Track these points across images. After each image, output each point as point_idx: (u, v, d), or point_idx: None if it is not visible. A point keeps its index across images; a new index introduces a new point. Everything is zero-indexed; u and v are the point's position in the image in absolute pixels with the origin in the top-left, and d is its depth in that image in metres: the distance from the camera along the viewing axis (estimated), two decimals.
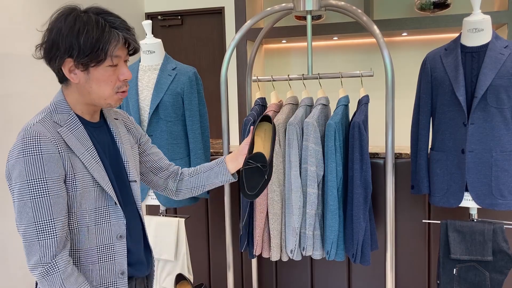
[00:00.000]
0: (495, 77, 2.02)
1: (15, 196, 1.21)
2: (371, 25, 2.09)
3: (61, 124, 1.27)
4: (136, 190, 1.43)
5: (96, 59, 1.24)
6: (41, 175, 1.20)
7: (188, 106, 2.40)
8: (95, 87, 1.28)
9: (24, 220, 1.20)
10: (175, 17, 4.67)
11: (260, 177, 1.52)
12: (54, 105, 1.30)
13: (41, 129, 1.22)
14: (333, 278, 2.73)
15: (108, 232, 1.32)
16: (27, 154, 1.19)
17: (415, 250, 2.59)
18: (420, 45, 4.28)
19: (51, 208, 1.21)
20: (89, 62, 1.24)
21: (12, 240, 2.96)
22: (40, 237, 1.20)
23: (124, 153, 1.42)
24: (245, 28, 2.25)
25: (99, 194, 1.30)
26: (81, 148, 1.27)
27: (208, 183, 1.62)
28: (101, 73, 1.27)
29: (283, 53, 4.63)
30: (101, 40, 1.23)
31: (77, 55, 1.23)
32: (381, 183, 2.54)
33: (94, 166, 1.29)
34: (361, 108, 2.23)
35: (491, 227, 2.10)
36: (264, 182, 1.54)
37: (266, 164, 1.53)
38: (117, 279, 1.33)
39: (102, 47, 1.23)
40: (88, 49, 1.22)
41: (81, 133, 1.29)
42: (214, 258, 2.95)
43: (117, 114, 1.49)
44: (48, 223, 1.21)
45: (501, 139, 2.05)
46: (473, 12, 2.11)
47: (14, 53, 3.02)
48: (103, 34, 1.23)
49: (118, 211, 1.34)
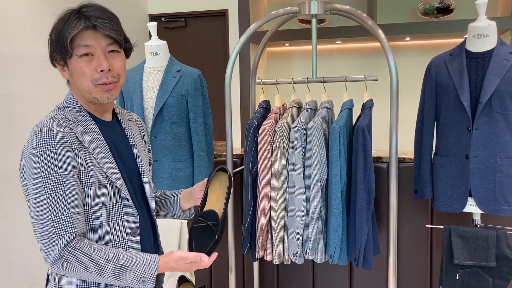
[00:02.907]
0: (500, 82, 2.02)
1: (30, 193, 1.20)
2: (376, 29, 2.10)
3: (73, 120, 1.27)
4: (150, 192, 1.42)
5: (62, 51, 1.24)
6: (56, 169, 1.19)
7: (192, 108, 2.40)
8: (77, 81, 1.28)
9: (40, 217, 1.19)
10: (179, 19, 4.67)
11: (210, 236, 1.39)
12: (65, 102, 1.31)
13: (54, 125, 1.22)
14: (335, 282, 2.72)
15: (122, 229, 1.31)
16: (41, 150, 1.19)
17: (417, 255, 2.58)
18: (423, 50, 4.28)
19: (68, 202, 1.20)
20: (62, 56, 1.26)
21: (12, 240, 2.96)
22: (58, 232, 1.19)
23: (137, 153, 1.41)
24: (250, 32, 2.25)
25: (112, 190, 1.29)
26: (93, 144, 1.27)
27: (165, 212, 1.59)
28: (74, 66, 1.26)
29: (286, 56, 4.63)
30: (63, 31, 1.23)
31: (52, 50, 1.26)
32: (384, 187, 2.53)
33: (106, 162, 1.28)
34: (365, 112, 2.23)
35: (495, 233, 2.10)
36: (215, 242, 1.40)
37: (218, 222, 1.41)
38: None
39: (63, 37, 1.23)
40: (55, 43, 1.25)
41: (92, 130, 1.29)
42: (216, 260, 2.95)
43: (131, 116, 1.49)
44: (66, 217, 1.19)
45: (505, 145, 2.05)
46: (478, 17, 2.11)
47: (16, 53, 3.02)
48: (64, 25, 1.24)
49: (131, 207, 1.33)
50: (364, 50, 4.43)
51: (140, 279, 1.26)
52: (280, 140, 2.19)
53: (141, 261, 1.27)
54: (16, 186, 2.98)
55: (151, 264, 1.28)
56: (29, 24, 3.12)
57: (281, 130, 2.19)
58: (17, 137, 2.98)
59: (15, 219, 2.97)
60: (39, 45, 3.13)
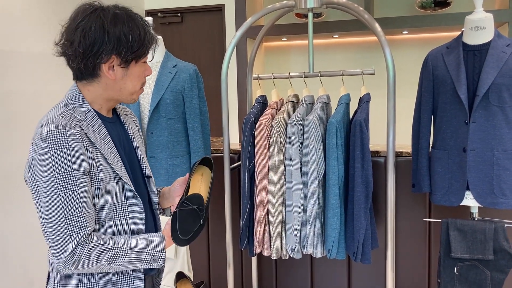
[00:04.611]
0: (497, 75, 2.02)
1: (41, 192, 1.18)
2: (373, 23, 2.09)
3: (81, 118, 1.26)
4: (152, 186, 1.43)
5: (140, 55, 1.28)
6: (69, 168, 1.18)
7: (188, 104, 2.39)
8: (129, 83, 1.30)
9: (53, 217, 1.17)
10: (175, 14, 4.65)
11: (195, 221, 1.37)
12: (71, 99, 1.28)
13: (65, 123, 1.20)
14: (333, 277, 2.72)
15: (127, 227, 1.32)
16: (54, 148, 1.17)
17: (415, 248, 2.58)
18: (420, 44, 4.27)
19: (81, 202, 1.19)
20: (133, 59, 1.27)
21: (11, 238, 2.95)
22: (72, 231, 1.18)
23: (138, 148, 1.42)
24: (246, 26, 2.24)
25: (119, 188, 1.29)
26: (102, 143, 1.27)
27: None
28: (138, 69, 1.31)
29: (283, 51, 4.62)
30: (146, 37, 1.27)
31: (125, 51, 1.25)
32: (382, 181, 2.53)
33: (115, 161, 1.28)
34: (362, 106, 2.22)
35: (492, 226, 2.10)
36: (200, 226, 1.38)
37: (203, 207, 1.39)
38: (134, 274, 1.33)
39: (146, 44, 1.28)
40: (136, 46, 1.25)
41: (100, 128, 1.29)
42: (214, 256, 2.94)
43: (126, 111, 1.49)
44: (79, 217, 1.19)
45: (502, 138, 2.05)
46: (475, 10, 2.10)
47: (14, 50, 3.01)
48: (145, 31, 1.28)
49: (138, 205, 1.33)
50: (362, 44, 4.42)
51: (151, 259, 1.30)
52: (277, 135, 2.18)
53: (149, 242, 1.30)
54: (15, 184, 2.97)
55: (158, 243, 1.32)
56: (27, 21, 3.10)
57: (278, 125, 2.18)
58: (15, 134, 2.97)
59: (14, 217, 2.96)
60: (38, 42, 3.11)
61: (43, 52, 3.11)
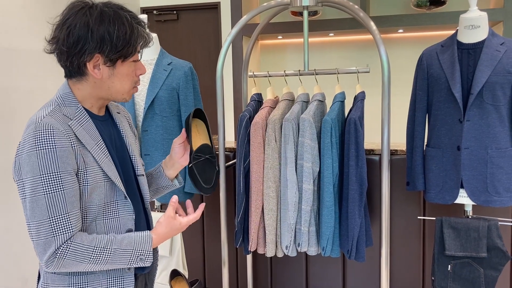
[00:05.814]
0: (491, 74, 2.02)
1: (27, 191, 1.17)
2: (368, 21, 2.09)
3: (70, 117, 1.24)
4: (144, 185, 1.42)
5: (126, 54, 1.24)
6: (55, 169, 1.17)
7: (183, 102, 2.38)
8: (117, 82, 1.27)
9: (37, 217, 1.16)
10: (171, 12, 4.64)
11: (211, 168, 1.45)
12: (61, 98, 1.27)
13: (52, 122, 1.19)
14: (328, 275, 2.73)
15: (117, 227, 1.31)
16: (40, 148, 1.16)
17: (410, 246, 2.59)
18: (416, 42, 4.28)
19: (66, 203, 1.18)
20: (119, 58, 1.24)
21: (6, 236, 2.94)
22: (55, 232, 1.17)
23: (130, 147, 1.41)
24: (241, 24, 2.24)
25: (108, 188, 1.28)
26: (91, 142, 1.25)
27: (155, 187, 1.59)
28: (125, 69, 1.27)
29: (279, 49, 4.62)
30: (132, 36, 1.23)
31: (109, 50, 1.21)
32: (376, 179, 2.54)
33: (104, 160, 1.27)
34: (357, 105, 2.22)
35: (486, 224, 2.11)
36: (217, 173, 1.47)
37: (214, 154, 1.46)
38: (123, 274, 1.32)
39: (133, 43, 1.24)
40: (120, 45, 1.22)
41: (90, 127, 1.27)
42: (209, 254, 2.95)
43: (119, 109, 1.48)
44: (63, 218, 1.18)
45: (496, 136, 2.06)
46: (470, 8, 2.10)
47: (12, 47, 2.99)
48: (133, 30, 1.24)
49: (128, 204, 1.32)
50: (357, 43, 4.42)
51: (137, 258, 1.28)
52: (272, 133, 2.18)
53: (135, 241, 1.28)
54: (9, 182, 2.95)
55: (144, 241, 1.29)
56: (26, 18, 3.08)
57: (273, 123, 2.18)
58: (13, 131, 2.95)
59: (8, 215, 2.95)
60: (35, 39, 3.09)
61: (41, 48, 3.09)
